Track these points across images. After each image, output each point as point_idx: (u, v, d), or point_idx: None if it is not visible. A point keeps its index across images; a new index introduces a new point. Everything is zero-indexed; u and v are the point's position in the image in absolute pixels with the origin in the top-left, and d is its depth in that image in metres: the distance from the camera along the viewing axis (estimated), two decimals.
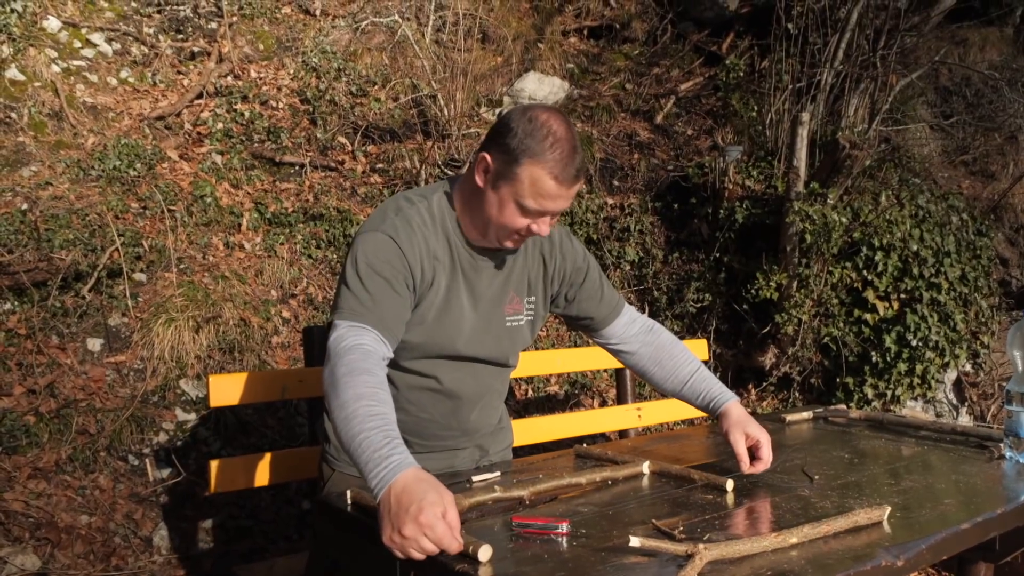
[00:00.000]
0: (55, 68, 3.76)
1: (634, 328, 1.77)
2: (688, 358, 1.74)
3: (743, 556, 1.07)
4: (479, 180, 1.49)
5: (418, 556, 1.09)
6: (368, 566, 1.51)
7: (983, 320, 3.77)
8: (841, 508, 1.30)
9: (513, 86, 4.92)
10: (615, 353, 1.81)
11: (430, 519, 1.07)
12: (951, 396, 3.92)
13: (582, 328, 1.81)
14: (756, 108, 4.59)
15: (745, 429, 1.54)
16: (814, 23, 4.44)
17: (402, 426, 1.63)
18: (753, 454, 1.54)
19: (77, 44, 3.98)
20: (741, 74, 4.78)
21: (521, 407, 3.55)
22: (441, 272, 1.54)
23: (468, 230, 1.56)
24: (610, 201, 4.41)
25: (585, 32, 5.76)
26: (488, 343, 1.61)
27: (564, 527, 1.16)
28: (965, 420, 3.92)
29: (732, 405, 1.62)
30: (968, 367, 3.98)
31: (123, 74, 3.99)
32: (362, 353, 1.34)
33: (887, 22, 4.42)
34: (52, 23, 3.95)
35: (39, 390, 2.62)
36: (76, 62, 3.90)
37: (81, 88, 3.79)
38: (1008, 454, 1.70)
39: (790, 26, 4.46)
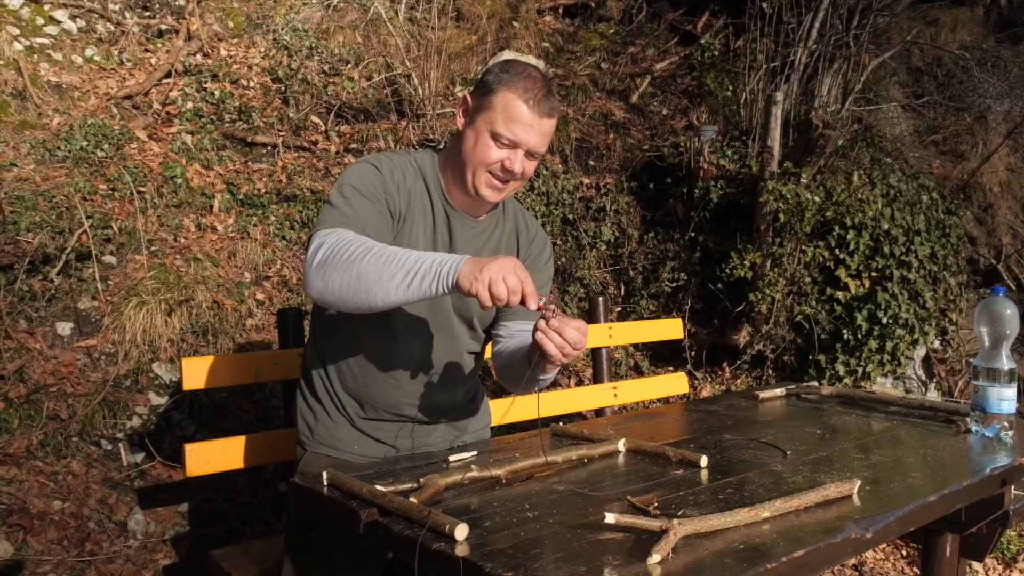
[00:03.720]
0: (17, 46, 3.65)
1: (527, 327, 1.65)
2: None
3: (716, 531, 1.09)
4: (460, 122, 1.57)
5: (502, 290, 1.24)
6: (345, 546, 1.52)
7: (951, 298, 3.83)
8: (812, 482, 1.32)
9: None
10: (493, 338, 1.75)
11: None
12: (920, 372, 3.99)
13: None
14: (731, 88, 4.60)
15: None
16: (788, 2, 4.45)
17: (366, 393, 1.62)
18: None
19: (40, 21, 3.87)
20: (716, 54, 4.78)
21: (498, 387, 3.56)
22: (420, 221, 1.58)
23: (449, 189, 1.61)
24: (586, 181, 4.40)
25: (560, 11, 5.72)
26: (455, 302, 1.64)
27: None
28: (933, 395, 4.00)
29: None
30: (937, 344, 4.05)
31: (88, 52, 3.89)
32: (353, 235, 1.40)
33: (860, 2, 4.45)
34: None
35: (8, 375, 2.57)
36: (39, 40, 3.79)
37: (45, 67, 3.69)
38: (974, 428, 1.74)
39: (764, 5, 4.47)
